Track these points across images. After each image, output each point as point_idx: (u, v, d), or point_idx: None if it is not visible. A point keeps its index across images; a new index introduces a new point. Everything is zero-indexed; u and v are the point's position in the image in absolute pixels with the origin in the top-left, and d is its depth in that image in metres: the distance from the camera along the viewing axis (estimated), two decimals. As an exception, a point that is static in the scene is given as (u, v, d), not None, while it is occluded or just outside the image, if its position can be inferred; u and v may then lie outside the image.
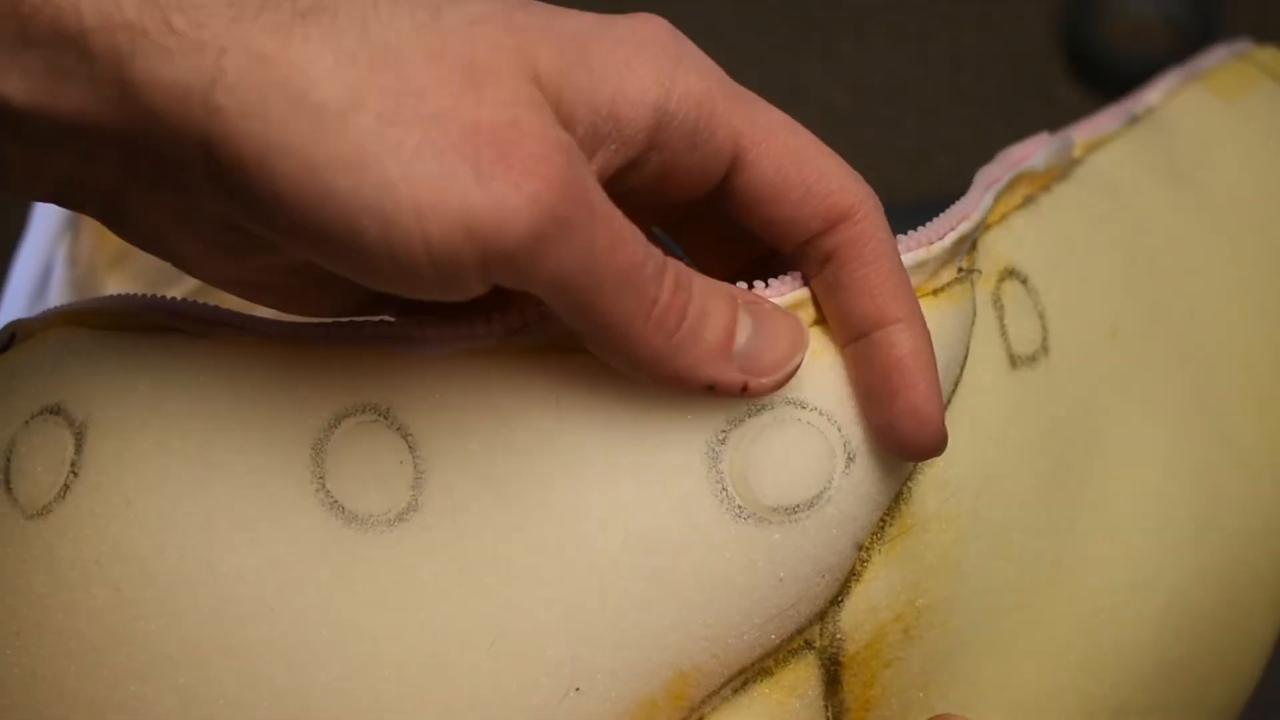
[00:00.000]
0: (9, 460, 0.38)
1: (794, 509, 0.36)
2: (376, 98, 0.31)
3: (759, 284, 0.38)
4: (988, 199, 0.42)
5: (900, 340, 0.36)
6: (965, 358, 0.40)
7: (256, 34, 0.31)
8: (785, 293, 0.38)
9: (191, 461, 0.36)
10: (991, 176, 0.43)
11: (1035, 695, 0.42)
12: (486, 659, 0.36)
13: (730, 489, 0.36)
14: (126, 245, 0.74)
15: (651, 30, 0.35)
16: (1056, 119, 0.87)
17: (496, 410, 0.36)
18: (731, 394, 0.35)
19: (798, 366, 0.36)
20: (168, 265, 0.36)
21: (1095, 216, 0.45)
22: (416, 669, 0.36)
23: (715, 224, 0.40)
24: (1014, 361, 0.41)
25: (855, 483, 0.37)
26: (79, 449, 0.37)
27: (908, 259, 0.38)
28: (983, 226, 0.42)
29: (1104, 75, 0.88)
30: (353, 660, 0.36)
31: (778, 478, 0.36)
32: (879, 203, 0.37)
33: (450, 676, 0.36)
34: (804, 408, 0.37)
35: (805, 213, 0.36)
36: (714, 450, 0.36)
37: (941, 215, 0.41)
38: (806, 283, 0.38)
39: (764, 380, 0.36)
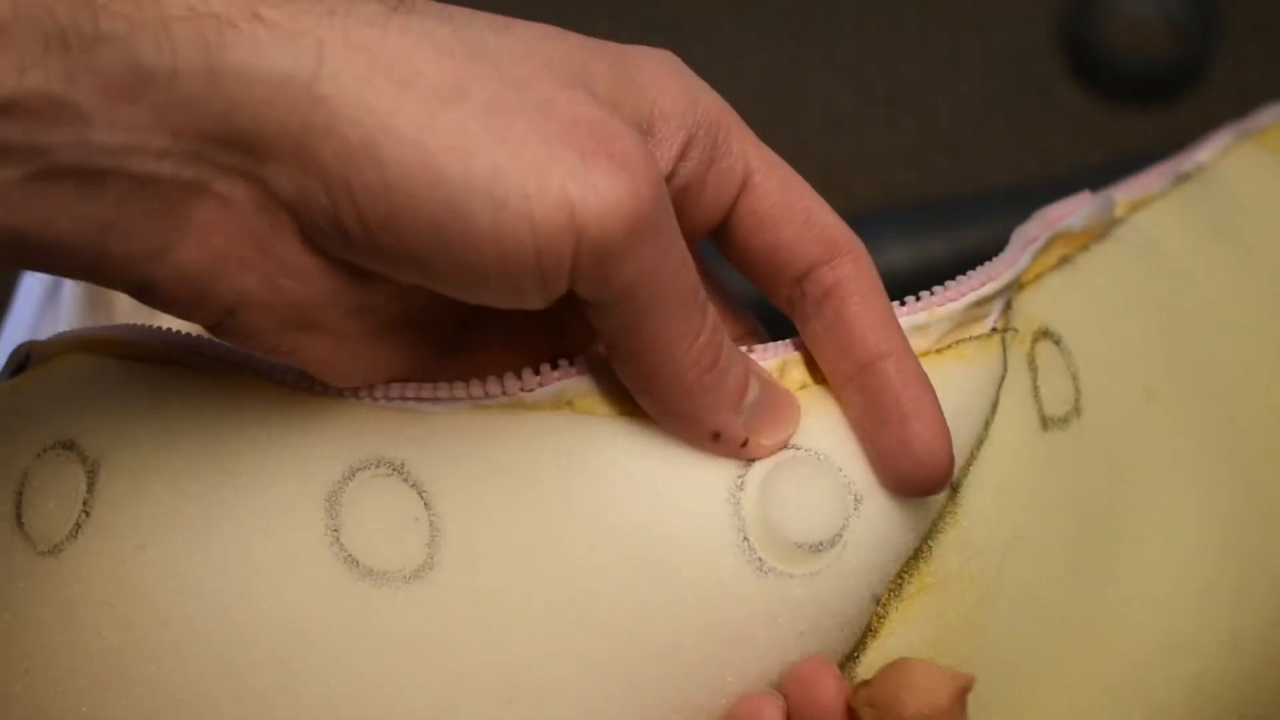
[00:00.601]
0: (20, 494, 0.38)
1: (817, 547, 0.36)
2: (480, 87, 0.32)
3: (745, 350, 0.38)
4: (1025, 259, 0.42)
5: (906, 366, 0.37)
6: (991, 416, 0.39)
7: (354, 26, 0.32)
8: (780, 354, 0.38)
9: (204, 505, 0.36)
10: (1029, 236, 0.43)
11: None
12: (504, 714, 0.36)
13: (751, 539, 0.36)
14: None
15: (670, 56, 0.37)
16: (1056, 119, 0.87)
17: (511, 468, 0.36)
18: (732, 447, 0.36)
19: (793, 430, 0.37)
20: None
21: (1134, 277, 0.45)
22: None
23: None
24: (1045, 423, 0.41)
25: (867, 525, 0.37)
26: (91, 487, 0.37)
27: (905, 321, 0.38)
28: (1017, 285, 0.42)
29: (1104, 75, 0.88)
30: (367, 714, 0.35)
31: (800, 512, 0.36)
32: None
33: None
34: (799, 450, 0.37)
35: (809, 237, 0.37)
36: (734, 496, 0.36)
37: (971, 273, 0.41)
38: (799, 348, 0.39)
39: (764, 440, 0.36)
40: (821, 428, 0.37)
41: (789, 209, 0.37)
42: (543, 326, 0.39)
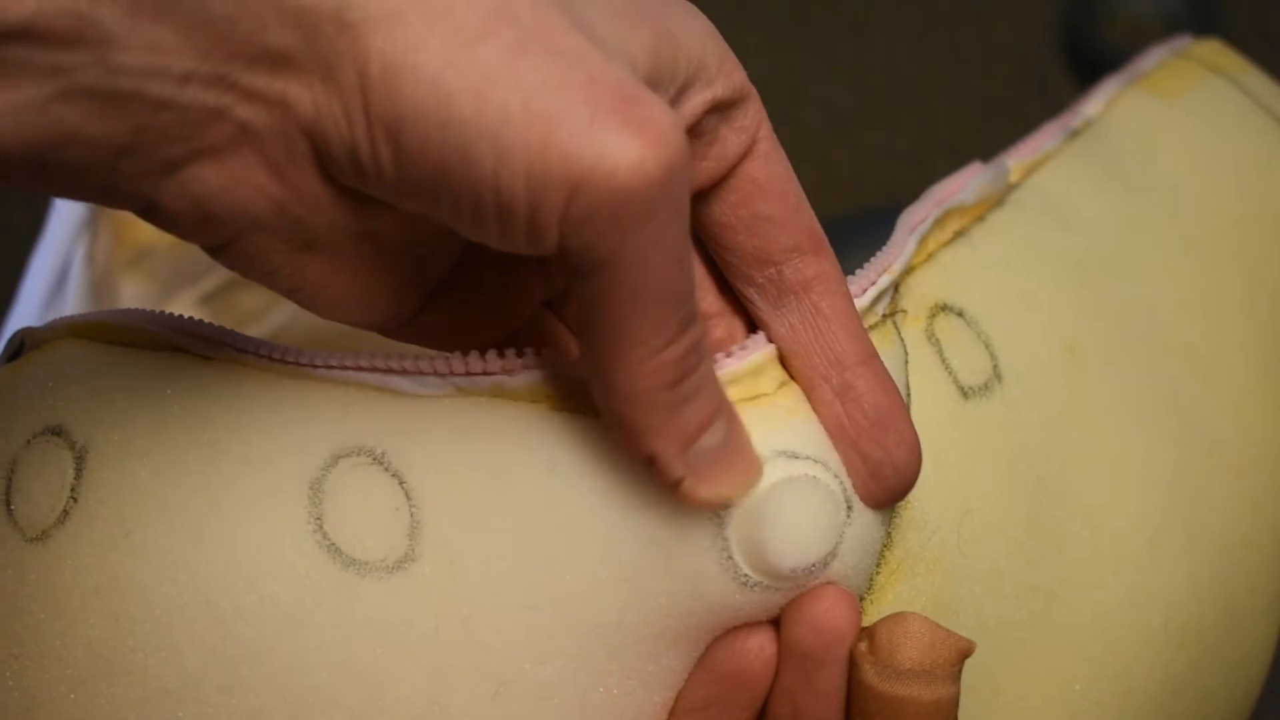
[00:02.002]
0: (10, 480, 0.38)
1: (810, 569, 0.35)
2: (508, 28, 0.31)
3: (723, 356, 0.36)
4: (911, 245, 0.41)
5: (880, 370, 0.36)
6: (907, 398, 0.39)
7: None
8: (757, 349, 0.37)
9: (191, 493, 0.36)
10: (915, 219, 0.42)
11: None
12: (490, 706, 0.36)
13: (736, 556, 0.35)
14: (143, 246, 0.73)
15: (703, 16, 0.36)
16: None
17: (493, 467, 0.36)
18: (663, 479, 0.34)
19: (741, 493, 0.35)
20: (182, 267, 0.36)
21: (1037, 237, 0.45)
22: (420, 713, 0.36)
23: None
24: (965, 393, 0.40)
25: (856, 533, 0.36)
26: (79, 474, 0.37)
27: None
28: (907, 269, 0.41)
29: (1104, 75, 0.88)
30: (354, 704, 0.35)
31: (794, 539, 0.35)
32: None
33: None
34: (798, 458, 0.36)
35: (798, 222, 0.36)
36: (718, 515, 0.35)
37: (863, 268, 0.40)
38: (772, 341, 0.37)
39: (701, 491, 0.34)
40: (809, 431, 0.36)
41: (785, 187, 0.36)
42: (536, 275, 0.39)
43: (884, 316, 0.40)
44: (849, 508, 0.36)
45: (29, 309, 0.72)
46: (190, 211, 0.33)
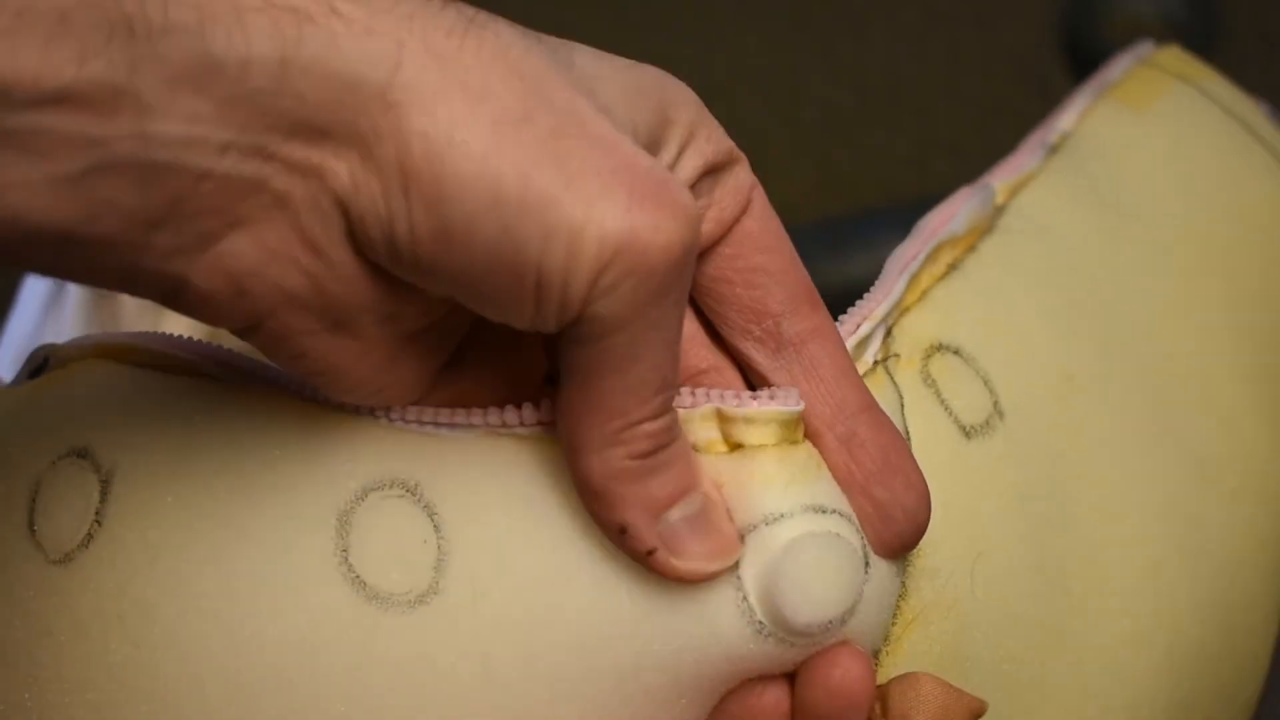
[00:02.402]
0: (34, 500, 0.37)
1: (827, 626, 0.35)
2: (545, 114, 0.32)
3: (749, 394, 0.36)
4: (900, 285, 0.41)
5: (882, 418, 0.37)
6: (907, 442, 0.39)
7: (432, 33, 0.32)
8: (795, 400, 0.36)
9: (216, 522, 0.36)
10: (906, 258, 0.42)
11: None
12: None
13: (754, 605, 0.35)
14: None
15: (689, 89, 0.37)
16: (1056, 119, 0.87)
17: (526, 500, 0.36)
18: (635, 549, 0.35)
19: (714, 574, 0.35)
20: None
21: (1028, 266, 0.45)
22: None
23: None
24: (967, 433, 0.40)
25: (874, 589, 0.36)
26: (104, 497, 0.37)
27: None
28: (900, 309, 0.41)
29: (1104, 75, 0.88)
30: None
31: (812, 597, 0.35)
32: None
33: None
34: (824, 512, 0.35)
35: (795, 276, 0.37)
36: (738, 564, 0.35)
37: (847, 313, 0.41)
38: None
39: (673, 560, 0.35)
40: (832, 485, 0.36)
41: (780, 243, 0.37)
42: (538, 352, 0.39)
43: (875, 363, 0.40)
44: (867, 564, 0.36)
45: (27, 315, 0.72)
46: (224, 289, 0.32)
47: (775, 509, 0.35)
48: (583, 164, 0.32)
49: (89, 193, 0.30)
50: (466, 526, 0.36)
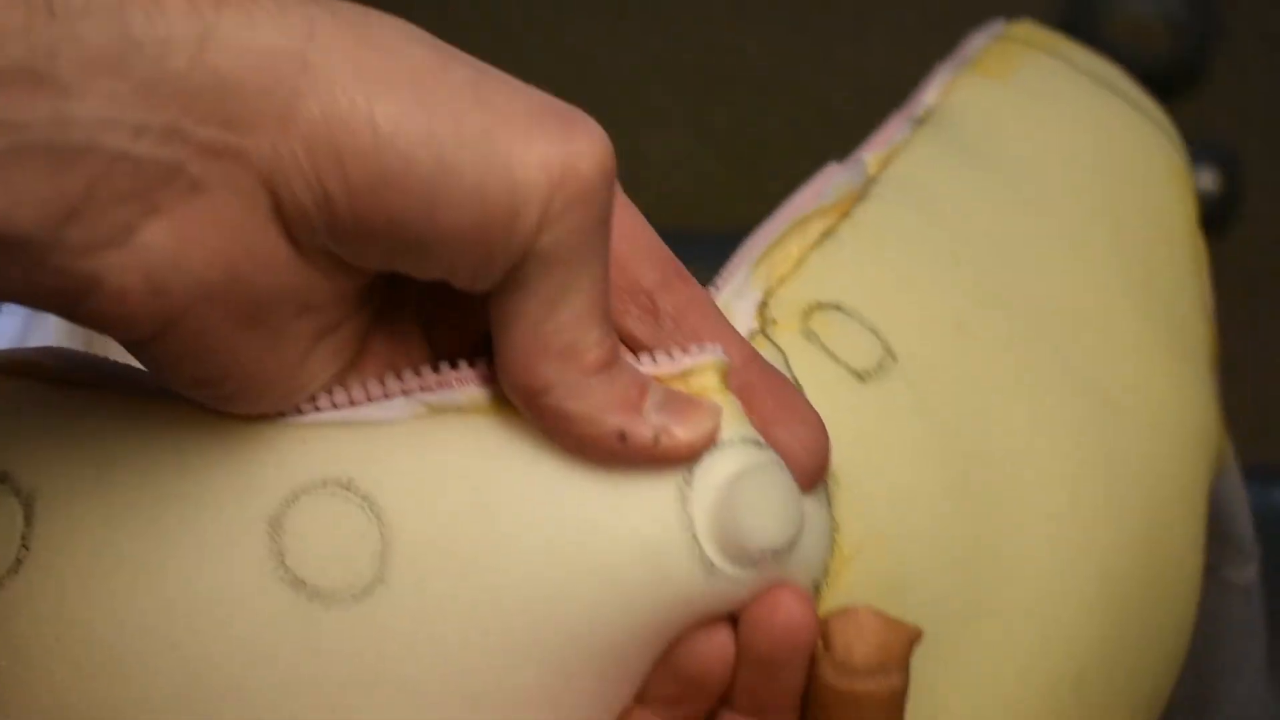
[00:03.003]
0: None
1: (777, 553, 0.36)
2: (459, 66, 0.33)
3: (662, 355, 0.37)
4: (742, 273, 0.42)
5: (768, 366, 0.38)
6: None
7: (340, 9, 0.33)
8: (715, 351, 0.37)
9: (144, 538, 0.36)
10: (763, 239, 0.43)
11: (998, 685, 0.42)
12: None
13: (701, 538, 0.36)
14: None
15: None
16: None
17: (462, 476, 0.36)
18: (641, 446, 0.35)
19: (714, 430, 0.36)
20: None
21: (904, 225, 0.46)
22: None
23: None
24: (861, 377, 0.41)
25: (810, 519, 0.37)
26: (29, 521, 0.36)
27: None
28: (776, 280, 0.42)
29: (1104, 75, 0.88)
30: None
31: (766, 520, 0.36)
32: None
33: None
34: (761, 446, 0.36)
35: (662, 254, 0.38)
36: (682, 493, 0.36)
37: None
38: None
39: (679, 433, 0.35)
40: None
41: (642, 223, 0.38)
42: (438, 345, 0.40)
43: (753, 333, 0.41)
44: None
45: (11, 324, 0.72)
46: (139, 286, 0.32)
47: (718, 437, 0.36)
48: (507, 103, 0.33)
49: (4, 182, 0.30)
50: (406, 511, 0.36)
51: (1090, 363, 0.47)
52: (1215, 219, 1.04)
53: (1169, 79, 0.87)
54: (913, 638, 0.37)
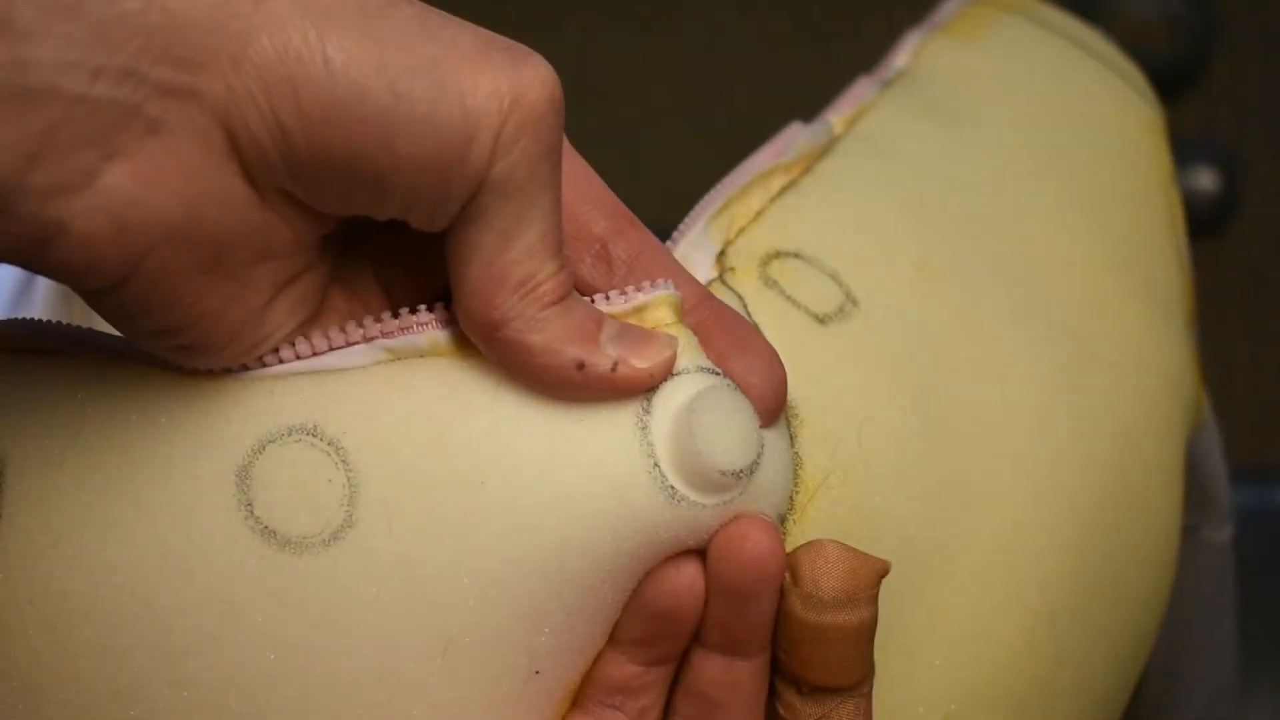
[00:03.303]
0: None
1: (738, 474, 0.36)
2: (408, 3, 0.34)
3: (615, 294, 0.38)
4: (698, 227, 0.42)
5: (720, 305, 0.38)
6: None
7: None
8: (667, 286, 0.37)
9: (115, 496, 0.36)
10: (718, 195, 0.44)
11: (972, 622, 0.42)
12: (442, 665, 0.36)
13: (663, 466, 0.36)
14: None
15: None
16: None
17: (429, 414, 0.36)
18: (600, 375, 0.36)
19: (671, 358, 0.36)
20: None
21: (867, 175, 0.46)
22: (372, 683, 0.36)
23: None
24: (821, 320, 0.42)
25: (771, 450, 0.37)
26: (0, 487, 0.37)
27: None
28: (735, 231, 0.43)
29: (1104, 75, 0.88)
30: (305, 681, 0.36)
31: (727, 440, 0.36)
32: None
33: (407, 685, 0.36)
34: (716, 374, 0.37)
35: (611, 202, 0.38)
36: (641, 421, 0.36)
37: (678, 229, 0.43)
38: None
39: (636, 362, 0.36)
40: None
41: (591, 175, 0.39)
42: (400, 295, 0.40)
43: (711, 281, 0.41)
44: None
45: (-1, 301, 0.72)
46: (104, 228, 0.32)
47: (675, 367, 0.36)
48: (454, 37, 0.34)
49: None
50: (373, 455, 0.36)
51: (1057, 305, 0.48)
52: (1215, 219, 1.04)
53: (1169, 79, 0.87)
54: (880, 570, 0.37)
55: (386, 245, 0.37)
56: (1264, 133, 0.97)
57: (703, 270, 0.42)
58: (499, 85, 0.33)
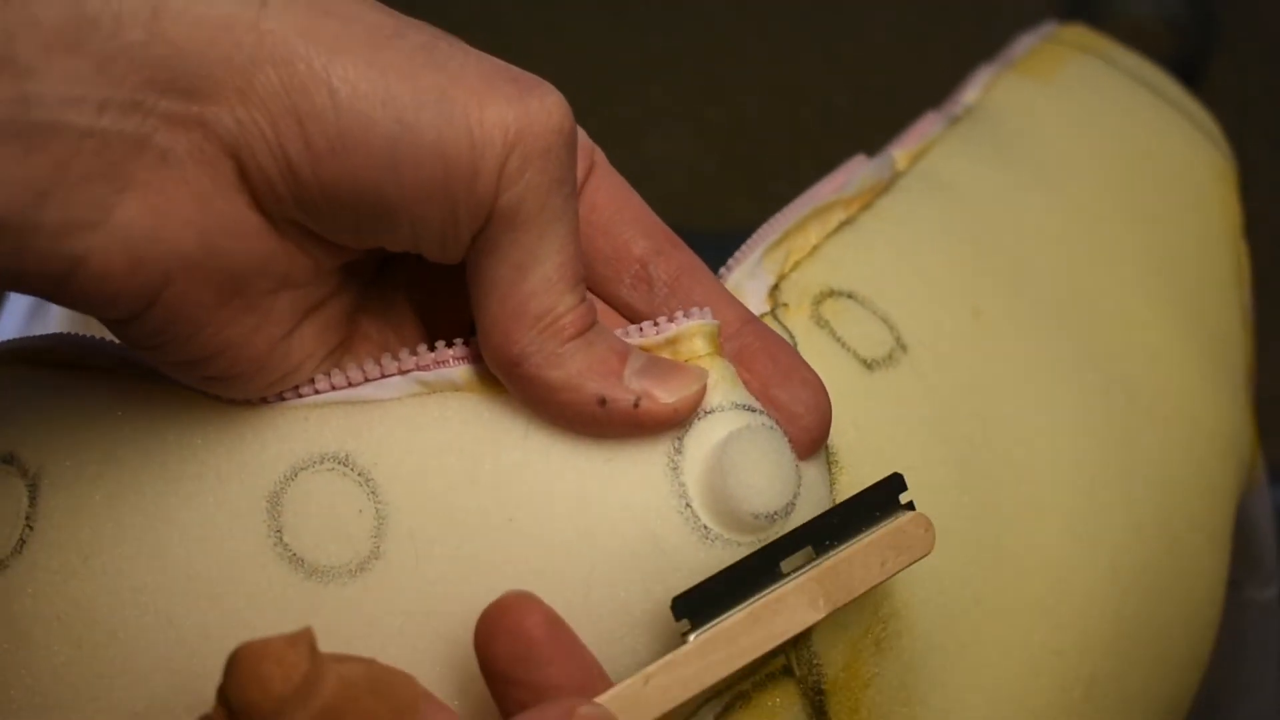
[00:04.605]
0: None
1: (772, 516, 0.36)
2: (414, 32, 0.33)
3: (647, 325, 0.37)
4: (755, 256, 0.42)
5: (765, 329, 0.37)
6: None
7: None
8: (703, 316, 0.37)
9: (146, 515, 0.36)
10: (778, 225, 0.43)
11: (1011, 684, 0.42)
12: (462, 703, 0.36)
13: (695, 506, 0.36)
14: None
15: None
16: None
17: (460, 448, 0.36)
18: (623, 411, 0.35)
19: (699, 392, 0.36)
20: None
21: (927, 215, 0.45)
22: None
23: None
24: (869, 365, 0.41)
25: (810, 487, 0.37)
26: (33, 501, 0.36)
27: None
28: (790, 264, 0.42)
29: (1104, 75, 0.88)
30: None
31: (760, 484, 0.36)
32: None
33: None
34: (753, 411, 0.36)
35: (651, 222, 0.38)
36: (673, 462, 0.36)
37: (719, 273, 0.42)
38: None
39: (660, 396, 0.35)
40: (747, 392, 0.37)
41: (630, 193, 0.38)
42: (422, 326, 0.40)
43: (763, 315, 0.41)
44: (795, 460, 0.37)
45: (12, 321, 0.72)
46: (120, 262, 0.32)
47: (708, 404, 0.36)
48: (461, 67, 0.33)
49: None
50: (403, 487, 0.36)
51: (1113, 358, 0.47)
52: (1215, 219, 1.04)
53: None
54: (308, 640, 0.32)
55: (419, 273, 0.37)
56: (1264, 133, 0.98)
57: (755, 302, 0.41)
58: (504, 116, 0.33)
